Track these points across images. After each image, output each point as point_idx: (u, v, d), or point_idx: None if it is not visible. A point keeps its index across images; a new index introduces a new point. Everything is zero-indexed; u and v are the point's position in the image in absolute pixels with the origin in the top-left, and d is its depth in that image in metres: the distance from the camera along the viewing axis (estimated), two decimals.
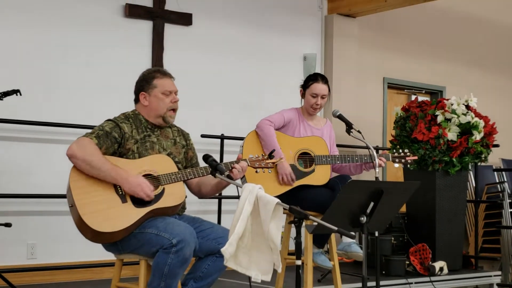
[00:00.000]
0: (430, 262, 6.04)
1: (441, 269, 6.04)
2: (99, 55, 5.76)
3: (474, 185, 7.32)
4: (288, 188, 4.26)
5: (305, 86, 4.51)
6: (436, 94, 8.73)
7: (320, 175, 4.35)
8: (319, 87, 4.45)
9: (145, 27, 6.03)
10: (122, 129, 3.37)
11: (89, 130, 3.38)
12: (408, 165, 4.60)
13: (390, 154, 4.51)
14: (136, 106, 3.56)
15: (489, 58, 9.44)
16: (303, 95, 4.53)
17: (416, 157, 4.69)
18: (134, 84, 3.55)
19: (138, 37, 5.99)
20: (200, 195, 3.64)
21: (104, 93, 5.73)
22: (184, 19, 6.25)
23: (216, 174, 3.28)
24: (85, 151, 3.21)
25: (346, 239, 4.72)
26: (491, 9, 9.43)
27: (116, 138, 3.34)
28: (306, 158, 4.37)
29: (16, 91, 4.48)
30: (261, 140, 4.30)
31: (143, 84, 3.51)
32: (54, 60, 5.52)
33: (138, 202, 3.25)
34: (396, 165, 4.51)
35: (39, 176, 5.35)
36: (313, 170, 4.33)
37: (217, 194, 5.46)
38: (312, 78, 4.51)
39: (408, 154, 4.51)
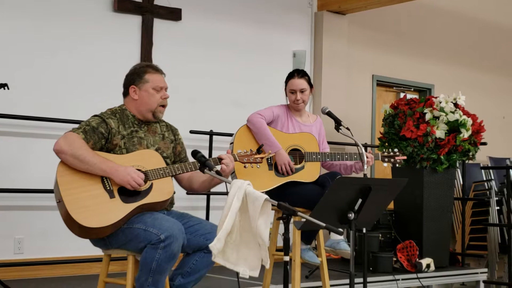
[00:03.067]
0: (417, 259, 6.06)
1: (428, 266, 6.06)
2: (87, 50, 5.72)
3: (461, 182, 7.34)
4: (276, 184, 4.26)
5: (285, 84, 4.54)
6: (424, 92, 8.76)
7: (309, 172, 4.35)
8: (295, 83, 4.47)
9: (134, 21, 6.00)
10: (109, 124, 3.36)
11: (76, 125, 3.36)
12: (397, 165, 4.62)
13: (379, 153, 4.53)
14: (124, 100, 3.54)
15: (477, 57, 9.48)
16: (286, 93, 4.55)
17: (405, 157, 4.71)
18: (124, 77, 3.53)
19: (127, 31, 5.96)
20: (191, 190, 3.64)
21: (92, 88, 5.70)
22: (174, 14, 6.23)
23: (205, 170, 3.28)
24: (73, 145, 3.20)
25: (334, 236, 4.73)
26: (481, 7, 9.47)
27: (102, 134, 3.32)
28: (296, 155, 4.37)
29: (3, 85, 4.42)
30: (254, 133, 4.30)
31: (134, 78, 3.49)
32: (42, 54, 5.48)
33: (126, 197, 3.24)
34: (385, 164, 4.53)
35: (26, 170, 5.31)
36: (302, 167, 4.34)
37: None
38: (288, 75, 4.55)
39: (397, 153, 4.53)
